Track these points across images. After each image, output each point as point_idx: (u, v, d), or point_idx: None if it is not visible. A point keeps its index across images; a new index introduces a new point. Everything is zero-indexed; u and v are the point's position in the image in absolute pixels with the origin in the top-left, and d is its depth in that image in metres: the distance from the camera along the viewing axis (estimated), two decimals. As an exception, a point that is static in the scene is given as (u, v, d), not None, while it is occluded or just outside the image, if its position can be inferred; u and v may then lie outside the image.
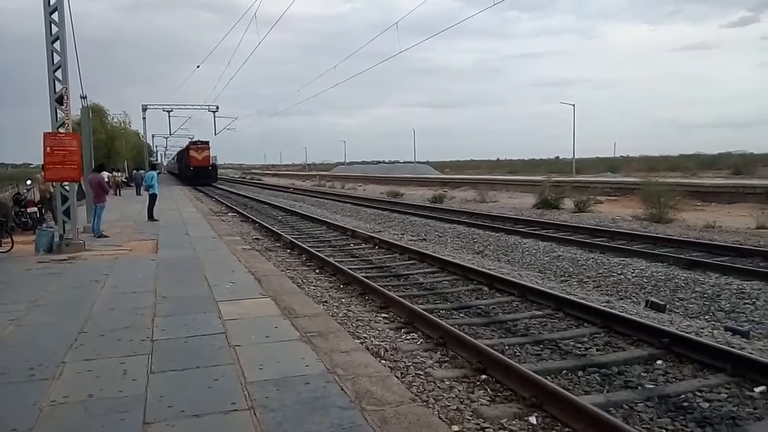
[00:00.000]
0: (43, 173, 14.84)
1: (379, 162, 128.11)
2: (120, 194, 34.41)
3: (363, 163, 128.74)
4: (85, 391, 4.29)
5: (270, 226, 17.27)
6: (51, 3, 11.40)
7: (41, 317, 6.66)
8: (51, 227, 12.63)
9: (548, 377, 5.06)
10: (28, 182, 20.77)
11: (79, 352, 5.25)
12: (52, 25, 11.46)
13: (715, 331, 6.65)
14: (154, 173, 20.42)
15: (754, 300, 8.20)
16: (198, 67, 59.74)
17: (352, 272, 9.52)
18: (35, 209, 16.21)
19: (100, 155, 38.84)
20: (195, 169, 54.05)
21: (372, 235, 14.60)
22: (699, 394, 4.82)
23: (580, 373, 5.36)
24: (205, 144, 56.66)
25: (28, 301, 7.37)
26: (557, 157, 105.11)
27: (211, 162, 56.74)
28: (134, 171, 40.81)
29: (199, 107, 57.86)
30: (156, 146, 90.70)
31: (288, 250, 13.02)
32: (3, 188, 18.94)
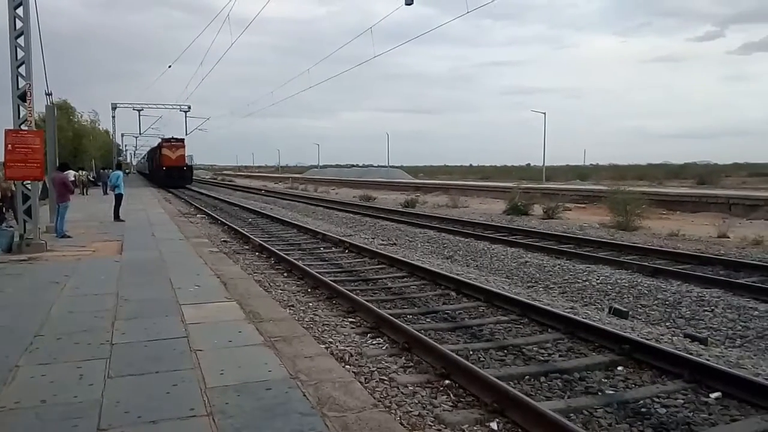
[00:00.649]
0: (4, 171, 14.44)
1: (352, 166, 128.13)
2: (87, 194, 33.69)
3: (337, 166, 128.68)
4: (38, 397, 4.17)
5: (239, 229, 17.09)
6: (15, -3, 11.13)
7: (-4, 319, 6.46)
8: (12, 227, 12.29)
9: (511, 383, 5.09)
10: (-11, 180, 20.18)
11: (34, 356, 5.10)
12: (17, 20, 11.19)
13: (675, 338, 6.79)
14: (120, 173, 20.08)
15: (713, 307, 8.40)
16: (170, 66, 58.90)
17: (320, 276, 9.47)
18: (-5, 208, 15.76)
19: (67, 154, 38.00)
20: (168, 170, 49.31)
21: (342, 238, 14.55)
22: (657, 399, 4.91)
23: (542, 378, 5.41)
24: (180, 141, 51.93)
25: (-17, 302, 7.15)
26: (528, 164, 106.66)
27: (186, 162, 52.09)
28: (102, 170, 40.00)
29: (171, 107, 57.15)
30: (125, 146, 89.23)
31: (257, 253, 12.90)
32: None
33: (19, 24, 11.24)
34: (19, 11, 11.25)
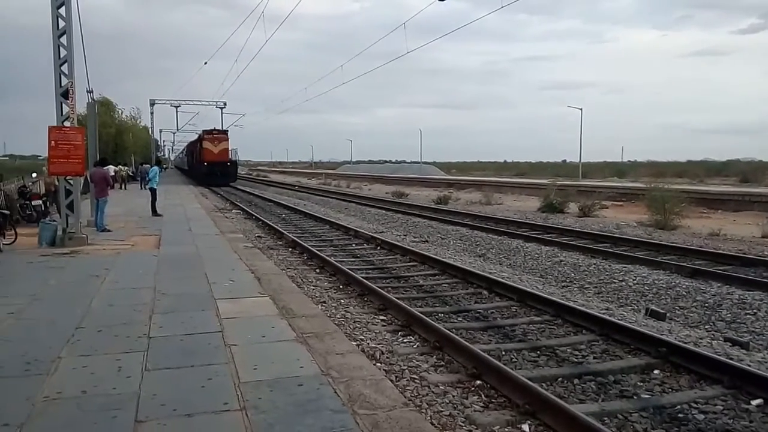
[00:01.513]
0: (47, 166, 14.91)
1: (385, 162, 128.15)
2: (126, 188, 34.54)
3: (369, 162, 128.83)
4: (79, 388, 4.31)
5: (273, 224, 17.29)
6: (58, -2, 11.45)
7: (40, 311, 6.69)
8: (54, 221, 12.69)
9: (543, 384, 5.04)
10: (34, 175, 20.89)
11: (75, 348, 5.27)
12: (59, 19, 11.51)
13: (715, 342, 6.61)
14: (156, 168, 20.51)
15: (755, 311, 8.14)
16: (205, 63, 59.30)
17: (352, 273, 9.52)
18: (40, 202, 16.29)
19: (109, 150, 39.03)
20: (210, 165, 44.31)
21: (374, 235, 14.59)
22: (695, 405, 4.79)
23: (575, 381, 5.33)
24: (223, 134, 47.01)
25: (28, 294, 7.41)
26: (564, 161, 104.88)
27: (229, 156, 46.73)
28: (141, 165, 40.92)
29: (207, 103, 58.12)
30: (163, 141, 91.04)
31: (290, 249, 13.03)
32: (9, 180, 19.01)
33: (61, 23, 11.56)
34: (62, 11, 11.57)
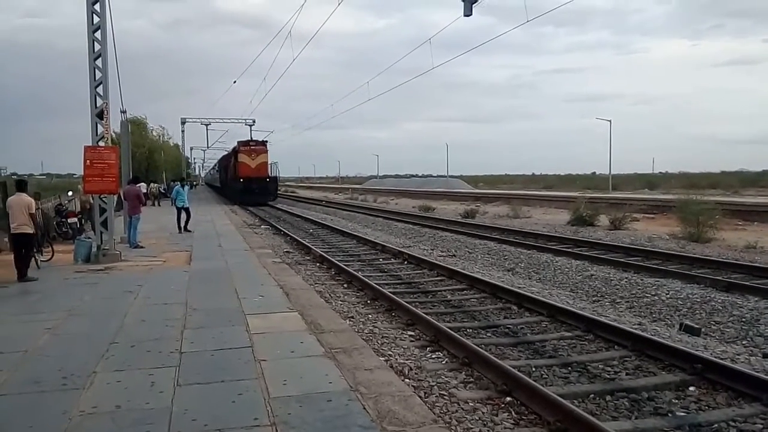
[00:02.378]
0: (83, 184, 15.32)
1: (411, 176, 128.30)
2: (159, 205, 35.25)
3: (396, 176, 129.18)
4: (113, 402, 4.39)
5: (301, 240, 17.43)
6: (94, 22, 11.86)
7: (76, 327, 6.86)
8: (89, 238, 13.01)
9: (575, 401, 4.95)
10: (70, 193, 21.46)
11: (110, 363, 5.38)
12: (95, 42, 11.90)
13: (752, 358, 6.43)
14: (179, 188, 19.99)
15: (795, 326, 7.89)
16: (234, 82, 60.17)
17: (379, 288, 9.53)
18: (75, 219, 16.74)
19: (142, 168, 39.93)
20: (246, 182, 38.84)
21: (401, 250, 14.59)
22: (733, 424, 4.66)
23: (608, 397, 5.24)
24: (261, 145, 41.59)
25: (64, 310, 7.61)
26: (594, 173, 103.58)
27: (269, 171, 41.04)
28: (171, 182, 41.69)
29: (236, 121, 59.11)
30: (194, 158, 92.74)
31: (317, 264, 13.11)
32: (46, 198, 19.58)
33: (97, 47, 11.96)
34: (98, 35, 11.97)
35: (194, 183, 65.71)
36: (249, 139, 43.76)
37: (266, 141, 42.15)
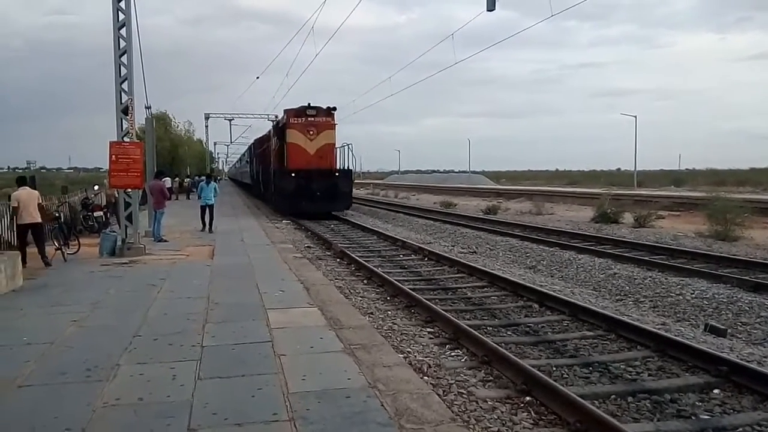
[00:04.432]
0: (109, 179, 15.58)
1: (433, 171, 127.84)
2: (189, 198, 35.67)
3: (417, 172, 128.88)
4: (135, 395, 4.46)
5: (321, 234, 17.50)
6: (119, 19, 12.02)
7: (101, 319, 6.99)
8: (115, 231, 13.22)
9: (595, 402, 4.90)
10: (96, 187, 21.84)
11: (133, 356, 5.47)
12: (120, 39, 12.07)
13: (780, 361, 6.28)
14: (203, 184, 19.47)
15: (825, 328, 7.70)
16: (257, 78, 60.56)
17: (399, 284, 9.52)
18: (101, 213, 17.03)
19: (166, 162, 40.44)
20: (301, 177, 23.38)
21: (422, 246, 14.56)
22: (758, 428, 4.56)
23: (629, 398, 5.17)
24: (326, 115, 24.68)
25: (89, 303, 7.75)
26: (618, 169, 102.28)
27: (337, 160, 25.05)
28: (196, 177, 42.11)
29: (259, 116, 59.51)
30: (218, 153, 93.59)
31: (338, 260, 13.15)
32: (73, 193, 19.96)
33: (122, 44, 12.12)
34: (123, 32, 12.14)
35: (218, 177, 66.25)
36: (305, 104, 24.40)
37: (333, 108, 24.58)
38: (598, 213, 23.64)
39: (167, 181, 24.57)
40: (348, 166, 25.02)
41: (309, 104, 24.26)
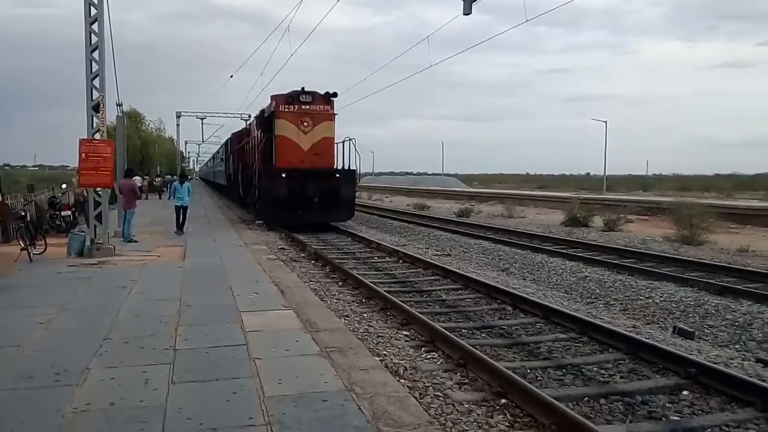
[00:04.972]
0: (77, 177, 15.24)
1: (407, 173, 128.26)
2: (160, 198, 35.22)
3: (391, 174, 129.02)
4: (107, 399, 4.36)
5: (295, 236, 17.36)
6: (91, 14, 11.76)
7: (69, 322, 6.82)
8: (83, 231, 12.93)
9: (569, 404, 4.97)
10: (64, 186, 21.35)
11: (103, 359, 5.35)
12: (92, 35, 11.81)
13: (746, 362, 6.45)
14: (177, 184, 18.40)
15: (788, 330, 7.93)
16: (231, 77, 59.67)
17: (374, 286, 9.51)
18: (69, 212, 16.64)
19: (136, 161, 39.74)
20: (293, 178, 19.08)
21: (396, 248, 14.58)
22: (726, 428, 4.67)
23: (602, 400, 5.24)
24: (324, 102, 20.23)
25: (57, 305, 7.55)
26: (588, 174, 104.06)
27: (337, 157, 20.61)
28: (167, 176, 41.44)
29: (232, 115, 58.82)
30: (188, 152, 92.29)
31: (312, 261, 13.08)
32: (39, 191, 19.47)
33: (94, 39, 11.87)
34: (95, 27, 11.88)
35: (189, 177, 65.23)
36: (297, 89, 20.00)
37: (333, 95, 20.21)
38: (569, 217, 24.02)
39: (137, 180, 24.11)
40: (350, 165, 20.17)
41: (303, 89, 19.69)
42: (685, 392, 5.41)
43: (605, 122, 64.02)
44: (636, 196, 42.24)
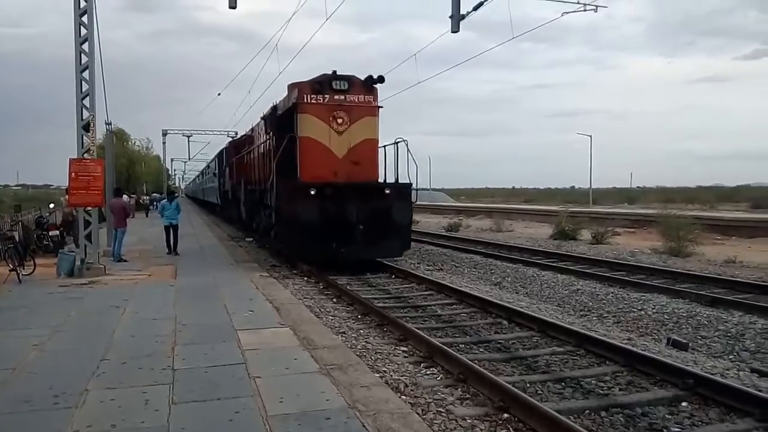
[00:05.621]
0: (66, 197, 15.11)
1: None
2: (147, 216, 35.05)
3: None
4: (108, 421, 4.32)
5: (286, 255, 17.27)
6: (82, 34, 11.76)
7: (64, 343, 6.74)
8: (73, 251, 12.80)
9: (571, 417, 4.99)
10: (51, 205, 21.13)
11: (101, 380, 5.29)
12: (82, 55, 11.80)
13: (741, 373, 6.52)
14: (165, 202, 17.92)
15: (779, 340, 8.04)
16: (219, 94, 59.76)
17: (369, 303, 9.50)
18: (57, 232, 16.46)
19: (122, 179, 39.55)
20: (324, 196, 13.11)
21: (388, 263, 14.56)
22: (726, 439, 4.72)
23: (603, 413, 5.27)
24: (364, 90, 14.20)
25: (50, 326, 7.47)
26: (573, 187, 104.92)
27: (377, 173, 14.79)
28: (153, 194, 41.27)
29: (219, 132, 58.69)
30: (174, 170, 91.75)
31: (305, 278, 13.02)
32: (27, 211, 19.26)
33: (84, 59, 11.85)
34: (85, 47, 11.87)
35: (176, 194, 64.75)
36: (329, 73, 14.33)
37: (378, 79, 14.25)
38: (557, 230, 24.20)
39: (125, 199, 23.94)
40: (399, 178, 14.64)
41: (335, 72, 14.13)
42: (684, 403, 5.45)
43: (590, 136, 64.72)
44: (622, 209, 42.60)
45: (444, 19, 12.99)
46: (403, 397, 5.37)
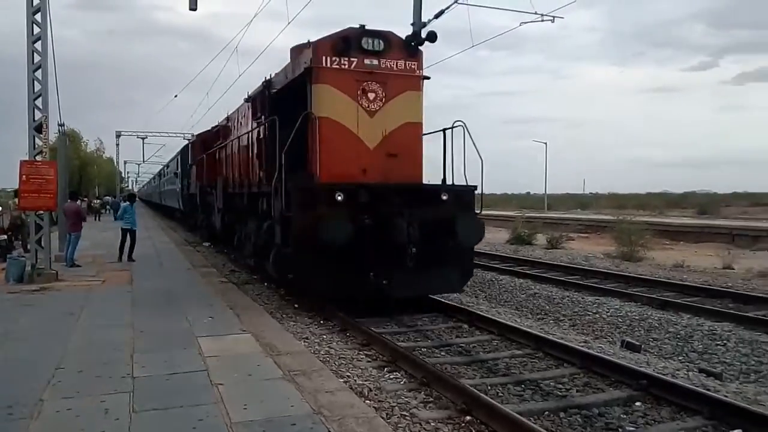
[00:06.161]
0: (15, 200, 14.58)
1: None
2: (100, 220, 34.15)
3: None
4: (66, 431, 4.20)
5: (246, 259, 17.06)
6: (34, 32, 11.38)
7: (15, 352, 6.51)
8: (23, 256, 12.36)
9: (531, 418, 5.11)
10: (-1, 208, 20.30)
11: (57, 390, 5.14)
12: (35, 54, 11.42)
13: (690, 373, 6.81)
14: (127, 205, 16.66)
15: (725, 341, 8.42)
16: (176, 96, 58.38)
17: (331, 308, 9.47)
18: (5, 237, 15.84)
19: (74, 182, 38.36)
20: (353, 202, 8.95)
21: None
22: (678, 437, 4.92)
23: (561, 414, 5.42)
24: (407, 55, 9.87)
25: (0, 333, 7.19)
26: (528, 193, 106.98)
27: (422, 168, 10.22)
28: (106, 197, 40.18)
29: (175, 135, 57.54)
30: (128, 173, 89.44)
31: (265, 283, 12.89)
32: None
33: (37, 58, 11.46)
34: (38, 45, 11.49)
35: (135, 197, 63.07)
36: (358, 27, 9.64)
37: (421, 41, 10.33)
38: (514, 235, 24.68)
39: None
40: (471, 187, 10.20)
41: (363, 27, 9.81)
42: (638, 403, 5.66)
43: (545, 143, 66.37)
44: (575, 215, 43.79)
45: (406, 26, 13.08)
46: (368, 401, 5.39)
